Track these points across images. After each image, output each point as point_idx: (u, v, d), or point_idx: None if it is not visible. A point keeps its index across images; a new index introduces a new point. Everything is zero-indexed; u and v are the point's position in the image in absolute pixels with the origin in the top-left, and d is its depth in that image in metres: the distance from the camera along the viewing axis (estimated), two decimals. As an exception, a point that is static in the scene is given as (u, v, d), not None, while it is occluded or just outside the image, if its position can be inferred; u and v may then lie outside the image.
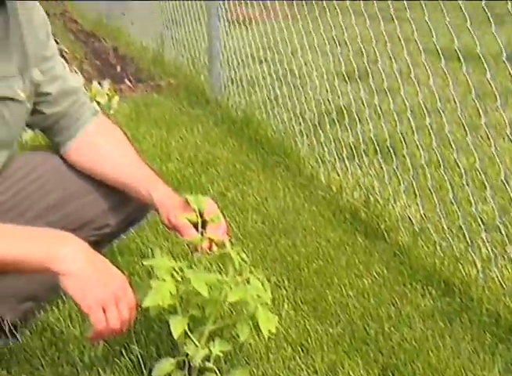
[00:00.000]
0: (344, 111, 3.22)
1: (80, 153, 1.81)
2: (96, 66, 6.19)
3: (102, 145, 1.83)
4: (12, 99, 1.60)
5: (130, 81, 5.32)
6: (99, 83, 3.99)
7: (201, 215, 1.59)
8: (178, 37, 5.60)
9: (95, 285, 1.34)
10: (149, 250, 2.31)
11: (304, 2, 3.58)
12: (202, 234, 1.57)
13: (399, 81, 2.69)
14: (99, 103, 3.69)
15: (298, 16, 3.60)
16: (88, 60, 6.36)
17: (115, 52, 6.73)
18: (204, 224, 1.59)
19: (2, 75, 1.56)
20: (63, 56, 1.87)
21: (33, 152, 1.95)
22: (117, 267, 1.48)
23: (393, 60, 2.69)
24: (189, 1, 5.30)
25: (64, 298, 1.92)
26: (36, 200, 1.77)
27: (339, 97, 3.34)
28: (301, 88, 3.69)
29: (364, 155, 3.04)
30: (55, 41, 1.82)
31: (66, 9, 10.47)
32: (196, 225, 1.59)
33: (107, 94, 3.94)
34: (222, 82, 4.53)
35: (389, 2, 2.64)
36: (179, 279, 1.42)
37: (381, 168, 2.87)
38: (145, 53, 6.25)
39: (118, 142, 1.85)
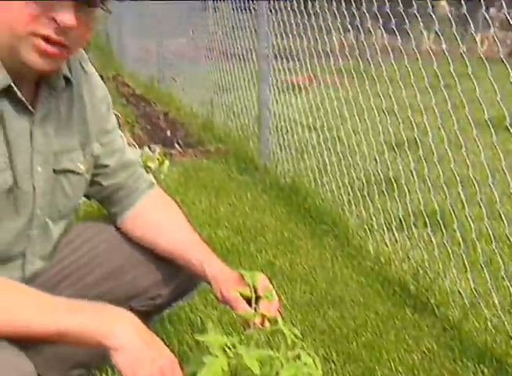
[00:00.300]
0: (393, 181, 3.23)
1: (135, 224, 1.84)
2: (147, 130, 6.32)
3: (157, 217, 1.86)
4: (72, 172, 1.64)
5: (180, 146, 5.41)
6: (150, 147, 4.07)
7: (255, 291, 1.60)
8: (228, 103, 5.70)
9: (144, 362, 1.35)
10: (199, 318, 2.32)
11: (353, 70, 3.63)
12: (255, 310, 1.58)
13: (448, 151, 2.69)
14: (149, 168, 3.76)
15: (347, 85, 3.65)
16: (139, 124, 6.49)
17: (165, 116, 6.88)
18: (257, 299, 1.60)
19: (65, 149, 1.61)
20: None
21: (89, 222, 1.98)
22: (167, 340, 1.49)
23: (442, 130, 2.70)
24: (239, 68, 5.43)
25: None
26: (90, 270, 1.81)
27: (388, 167, 3.35)
28: (349, 157, 3.71)
29: (413, 226, 3.02)
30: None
31: (119, 73, 10.77)
32: (248, 301, 1.60)
33: (158, 159, 4.01)
34: (271, 149, 4.58)
35: (438, 71, 2.67)
36: (231, 355, 1.43)
37: (431, 240, 2.85)
38: (194, 118, 6.38)
39: (172, 215, 1.88)
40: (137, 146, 3.95)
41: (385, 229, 3.14)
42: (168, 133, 6.08)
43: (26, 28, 1.31)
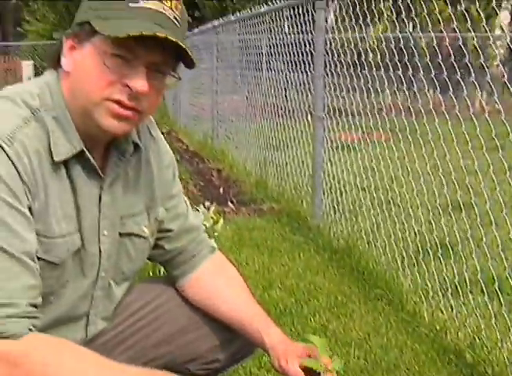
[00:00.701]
0: (448, 246, 3.20)
1: (195, 288, 1.86)
2: (200, 186, 6.42)
3: (217, 282, 1.87)
4: (137, 235, 1.67)
5: (233, 204, 5.47)
6: (205, 206, 4.12)
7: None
8: (281, 161, 5.75)
9: None
10: (253, 382, 2.32)
11: (407, 127, 3.65)
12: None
13: (504, 214, 2.66)
14: (204, 226, 3.80)
15: (401, 146, 3.67)
16: (193, 181, 6.59)
17: (219, 173, 6.98)
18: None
19: (131, 213, 1.64)
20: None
21: (149, 283, 2.00)
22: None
23: (497, 192, 2.68)
24: (293, 128, 5.50)
25: None
26: (150, 332, 1.82)
27: (443, 231, 3.32)
28: (403, 220, 3.70)
29: (469, 293, 2.98)
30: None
31: (173, 129, 10.98)
32: (307, 372, 1.59)
33: (212, 217, 4.05)
34: (324, 210, 4.59)
35: (493, 130, 2.67)
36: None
37: (487, 308, 2.81)
38: (248, 176, 6.44)
39: (233, 281, 1.90)
40: (188, 202, 3.99)
41: (440, 295, 3.10)
42: (221, 190, 6.16)
43: (101, 94, 1.37)
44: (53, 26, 21.14)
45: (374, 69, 3.97)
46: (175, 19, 1.40)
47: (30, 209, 1.36)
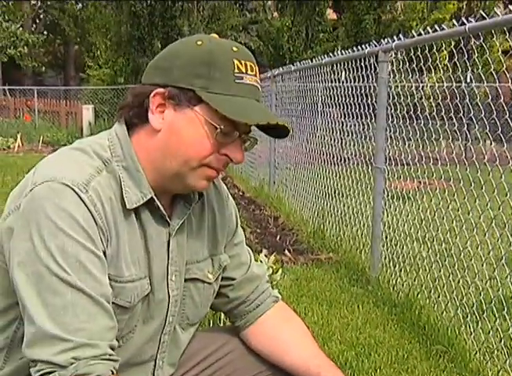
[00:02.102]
0: (505, 302, 3.14)
1: (258, 338, 1.87)
2: (257, 233, 6.42)
3: (281, 332, 1.88)
4: (201, 281, 1.70)
5: (290, 252, 5.47)
6: (262, 253, 4.14)
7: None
8: (339, 211, 5.75)
9: None
10: None
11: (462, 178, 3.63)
12: None
13: None
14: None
15: (456, 198, 3.65)
16: (250, 228, 6.60)
17: (275, 221, 6.99)
18: None
19: (195, 259, 1.68)
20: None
21: (214, 332, 2.02)
22: None
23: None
24: (352, 179, 5.50)
25: None
26: (215, 383, 1.84)
27: (508, 286, 3.25)
28: (462, 273, 3.65)
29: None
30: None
31: (229, 175, 11.08)
32: None
33: (271, 267, 4.07)
34: (383, 261, 4.56)
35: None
36: None
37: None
38: (304, 225, 6.43)
39: (297, 330, 1.90)
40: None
41: (506, 353, 3.04)
42: (278, 238, 6.17)
43: (201, 162, 1.45)
44: (116, 71, 21.69)
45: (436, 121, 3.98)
46: (261, 86, 1.50)
47: (104, 253, 1.41)
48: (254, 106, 1.43)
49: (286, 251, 5.48)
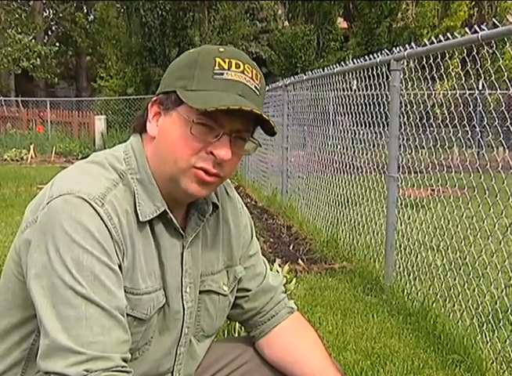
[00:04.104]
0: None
1: (273, 349, 1.86)
2: (270, 243, 6.41)
3: (296, 344, 1.87)
4: (216, 293, 1.70)
5: (303, 262, 5.45)
6: (275, 263, 4.13)
7: None
8: (352, 219, 5.73)
9: None
10: None
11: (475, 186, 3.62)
12: None
13: None
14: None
15: (470, 206, 3.63)
16: (262, 237, 6.60)
17: (288, 230, 6.98)
18: None
19: (210, 271, 1.68)
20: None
21: (230, 343, 2.01)
22: None
23: None
24: (365, 188, 5.49)
25: None
26: (229, 394, 1.83)
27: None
28: (477, 281, 3.62)
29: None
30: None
31: (241, 184, 11.08)
32: None
33: (285, 276, 4.06)
34: (397, 270, 4.54)
35: None
36: None
37: None
38: (318, 234, 6.42)
39: (311, 343, 1.89)
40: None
41: (523, 363, 3.01)
42: (291, 248, 6.16)
43: (188, 162, 1.43)
44: (126, 81, 21.78)
45: (448, 128, 3.98)
46: (256, 88, 1.46)
47: (119, 267, 1.41)
48: (226, 97, 1.40)
49: (300, 261, 5.47)
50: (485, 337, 3.35)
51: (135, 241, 1.45)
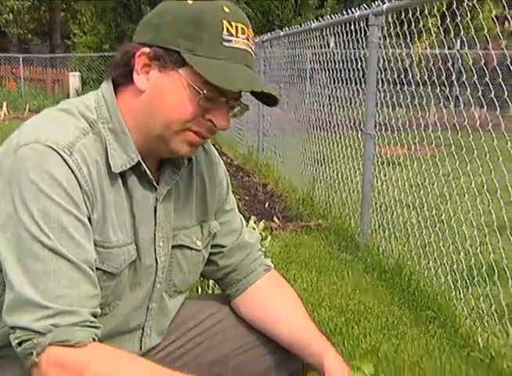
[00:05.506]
0: (504, 268, 3.11)
1: (249, 307, 1.83)
2: (245, 201, 6.39)
3: (273, 301, 1.84)
4: (189, 248, 1.66)
5: (279, 219, 5.43)
6: (255, 222, 4.10)
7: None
8: (328, 177, 5.71)
9: None
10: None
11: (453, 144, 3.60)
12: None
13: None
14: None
15: (447, 164, 3.61)
16: (238, 195, 6.57)
17: (264, 188, 6.95)
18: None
19: (183, 225, 1.64)
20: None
21: (203, 300, 1.98)
22: None
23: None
24: (339, 143, 5.46)
25: None
26: (203, 352, 1.80)
27: (495, 252, 3.21)
28: (453, 239, 3.62)
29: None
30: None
31: (217, 142, 11.01)
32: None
33: (260, 234, 4.04)
34: (372, 228, 4.54)
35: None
36: None
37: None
38: (293, 191, 6.40)
39: (288, 300, 1.86)
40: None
41: (496, 319, 3.02)
42: (267, 205, 6.13)
43: (184, 125, 1.39)
44: (101, 38, 21.46)
45: (426, 86, 3.93)
46: (253, 52, 1.43)
47: (89, 219, 1.36)
48: (241, 71, 1.37)
49: (275, 218, 5.46)
50: (459, 293, 3.36)
51: (106, 192, 1.40)
